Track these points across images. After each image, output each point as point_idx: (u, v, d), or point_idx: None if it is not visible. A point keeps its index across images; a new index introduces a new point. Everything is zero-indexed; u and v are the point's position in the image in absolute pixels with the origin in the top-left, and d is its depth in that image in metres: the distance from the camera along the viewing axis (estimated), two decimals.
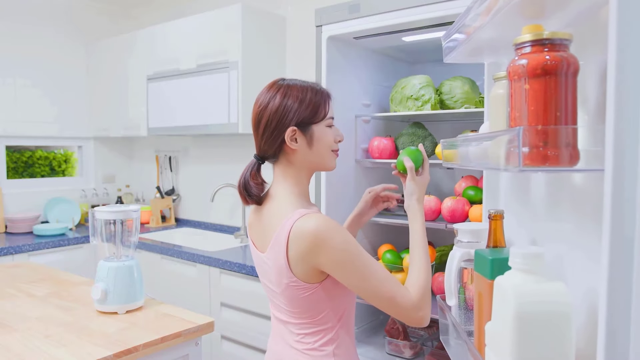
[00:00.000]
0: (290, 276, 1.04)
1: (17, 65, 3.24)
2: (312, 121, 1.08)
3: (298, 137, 1.08)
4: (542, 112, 0.71)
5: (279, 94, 1.07)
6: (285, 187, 1.11)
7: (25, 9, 3.27)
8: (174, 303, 1.90)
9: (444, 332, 1.17)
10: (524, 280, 0.71)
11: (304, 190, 1.14)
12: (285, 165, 1.12)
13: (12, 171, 3.39)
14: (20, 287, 1.85)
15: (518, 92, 0.74)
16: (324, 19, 1.84)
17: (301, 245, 1.01)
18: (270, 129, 1.07)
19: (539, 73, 0.71)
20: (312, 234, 0.99)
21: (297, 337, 1.10)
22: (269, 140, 1.08)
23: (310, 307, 1.07)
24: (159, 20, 3.45)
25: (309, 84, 1.11)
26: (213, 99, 2.68)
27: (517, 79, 0.74)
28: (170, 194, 3.53)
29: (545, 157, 0.71)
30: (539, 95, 0.72)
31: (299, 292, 1.05)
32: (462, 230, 1.09)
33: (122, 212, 1.62)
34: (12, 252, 2.70)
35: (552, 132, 0.70)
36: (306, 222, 1.01)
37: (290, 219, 1.03)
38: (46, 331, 1.41)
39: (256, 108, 1.10)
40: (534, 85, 0.72)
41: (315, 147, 1.10)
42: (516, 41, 0.74)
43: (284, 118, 1.06)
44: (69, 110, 3.52)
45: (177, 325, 1.46)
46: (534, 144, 0.70)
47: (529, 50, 0.73)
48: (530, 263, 0.71)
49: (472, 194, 1.73)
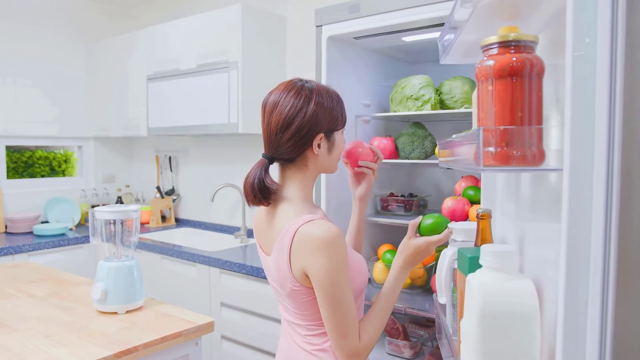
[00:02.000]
0: (293, 281, 1.05)
1: (17, 65, 3.24)
2: (336, 128, 1.11)
3: (322, 143, 1.09)
4: (506, 112, 0.74)
5: (313, 101, 1.07)
6: (294, 191, 1.11)
7: (25, 9, 3.27)
8: (174, 303, 1.90)
9: (439, 331, 1.18)
10: (492, 278, 0.72)
11: (309, 193, 1.14)
12: (298, 168, 1.11)
13: (12, 171, 3.39)
14: (20, 287, 1.85)
15: (484, 93, 0.76)
16: (324, 19, 1.84)
17: (304, 250, 1.01)
18: (301, 134, 1.06)
19: (504, 74, 0.73)
20: (317, 240, 0.99)
21: (305, 338, 1.11)
22: (295, 145, 1.07)
23: (315, 311, 1.07)
24: (159, 20, 3.45)
25: (330, 90, 1.12)
26: (213, 99, 2.67)
27: (484, 79, 0.76)
28: (170, 194, 3.53)
29: (508, 157, 0.73)
30: (503, 96, 0.74)
31: (302, 297, 1.06)
32: (456, 230, 1.09)
33: (122, 212, 1.62)
34: (12, 252, 2.70)
35: (515, 133, 0.73)
36: (312, 227, 1.01)
37: (295, 223, 1.03)
38: (46, 331, 1.41)
39: (285, 111, 1.06)
40: (499, 86, 0.74)
41: (334, 152, 1.13)
42: (483, 43, 0.76)
43: (317, 125, 1.07)
44: (69, 110, 3.52)
45: (177, 325, 1.46)
46: (498, 144, 0.72)
47: (495, 52, 0.75)
48: (499, 261, 0.71)
49: (472, 193, 1.73)
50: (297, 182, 1.11)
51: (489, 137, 0.72)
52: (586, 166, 0.57)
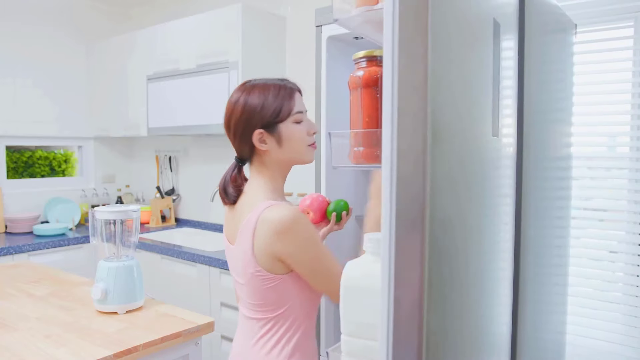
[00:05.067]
0: (254, 265, 1.06)
1: (17, 65, 3.24)
2: (277, 121, 1.09)
3: (267, 138, 1.09)
4: (360, 117, 0.89)
5: (242, 98, 1.10)
6: (259, 184, 1.13)
7: (25, 9, 3.27)
8: (174, 303, 1.90)
9: None
10: (364, 259, 0.85)
11: (278, 187, 1.16)
12: (259, 165, 1.14)
13: (12, 171, 3.39)
14: (20, 287, 1.85)
15: (354, 100, 0.91)
16: (324, 19, 1.84)
17: (266, 233, 1.03)
18: (239, 132, 1.10)
19: (369, 84, 0.89)
20: (277, 222, 1.02)
21: (259, 341, 1.11)
22: (241, 144, 1.12)
23: (275, 300, 1.08)
24: (159, 20, 3.45)
25: (272, 82, 1.12)
26: (213, 99, 2.67)
27: (354, 88, 0.91)
28: (170, 194, 3.53)
29: (359, 156, 0.89)
30: (362, 103, 0.90)
31: (264, 283, 1.07)
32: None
33: (122, 212, 1.61)
34: (12, 252, 2.70)
35: (363, 135, 0.87)
36: (272, 212, 1.04)
37: (258, 208, 1.06)
38: (46, 331, 1.41)
39: (225, 114, 1.13)
40: (362, 94, 0.90)
41: (286, 145, 1.11)
42: (355, 57, 0.94)
43: (250, 122, 1.09)
44: (69, 110, 3.52)
45: (177, 325, 1.46)
46: (352, 145, 0.87)
47: (364, 65, 0.92)
48: (372, 246, 0.83)
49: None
50: (260, 178, 1.14)
51: (354, 139, 0.88)
52: (393, 164, 0.68)
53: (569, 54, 1.28)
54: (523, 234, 1.01)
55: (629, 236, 1.80)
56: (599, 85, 1.86)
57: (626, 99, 1.81)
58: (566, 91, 1.26)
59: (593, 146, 1.89)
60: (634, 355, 1.77)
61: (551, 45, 1.09)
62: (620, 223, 1.83)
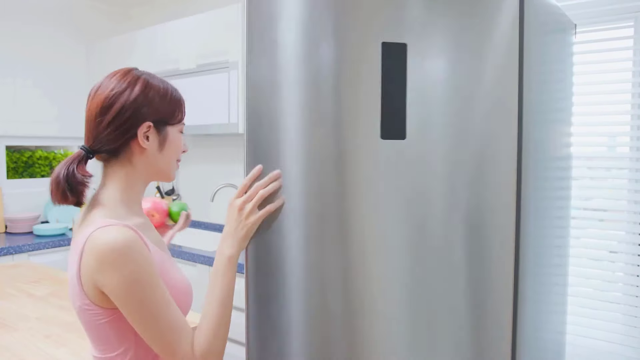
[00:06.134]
0: (82, 297, 0.87)
1: (17, 65, 3.24)
2: (170, 121, 0.98)
3: (151, 136, 0.95)
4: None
5: (140, 83, 0.94)
6: (113, 192, 0.95)
7: (25, 9, 3.27)
8: None
9: None
10: None
11: (136, 198, 0.98)
12: (122, 165, 0.95)
13: (12, 171, 3.39)
14: (20, 287, 1.85)
15: None
16: None
17: (89, 259, 0.84)
18: (123, 118, 0.91)
19: None
20: (100, 248, 0.82)
21: None
22: (115, 132, 0.91)
23: (112, 340, 0.90)
24: (159, 20, 3.45)
25: (168, 82, 1.00)
26: (213, 99, 2.68)
27: None
28: (170, 194, 3.53)
29: None
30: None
31: (95, 318, 0.88)
32: None
33: None
34: (12, 252, 2.70)
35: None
36: (102, 235, 0.84)
37: (92, 225, 0.87)
38: (46, 331, 1.41)
39: (106, 92, 0.92)
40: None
41: (166, 150, 0.98)
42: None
43: (142, 109, 0.92)
44: (69, 110, 3.52)
45: None
46: None
47: None
48: None
49: None
50: (118, 182, 0.95)
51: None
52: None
53: (569, 54, 1.28)
54: (523, 234, 1.01)
55: (629, 236, 1.80)
56: (598, 85, 1.86)
57: (626, 99, 1.81)
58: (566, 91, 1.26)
59: (593, 146, 1.89)
60: (634, 355, 1.77)
61: (551, 46, 1.09)
62: (620, 223, 1.83)
